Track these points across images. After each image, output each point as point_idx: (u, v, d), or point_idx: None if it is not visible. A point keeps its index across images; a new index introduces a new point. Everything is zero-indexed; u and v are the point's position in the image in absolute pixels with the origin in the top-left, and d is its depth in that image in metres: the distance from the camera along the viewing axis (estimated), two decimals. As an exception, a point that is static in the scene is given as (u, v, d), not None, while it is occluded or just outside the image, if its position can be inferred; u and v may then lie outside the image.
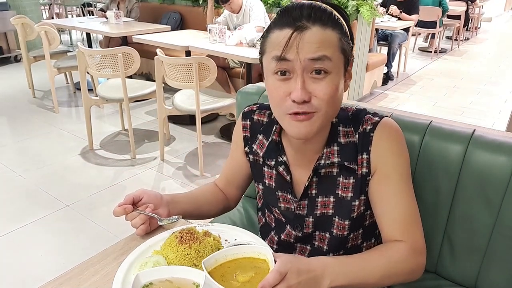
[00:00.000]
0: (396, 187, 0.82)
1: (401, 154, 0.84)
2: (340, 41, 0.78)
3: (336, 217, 0.87)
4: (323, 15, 0.77)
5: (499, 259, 0.95)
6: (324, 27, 0.76)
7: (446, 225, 1.00)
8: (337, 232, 0.88)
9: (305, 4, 0.78)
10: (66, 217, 2.29)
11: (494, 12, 11.43)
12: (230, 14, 3.64)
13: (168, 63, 2.58)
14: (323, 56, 0.75)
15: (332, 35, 0.77)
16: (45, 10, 8.30)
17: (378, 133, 0.83)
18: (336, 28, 0.78)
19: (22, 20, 3.99)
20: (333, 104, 0.78)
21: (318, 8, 0.77)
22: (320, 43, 0.75)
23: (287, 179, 0.90)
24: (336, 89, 0.77)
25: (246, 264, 0.76)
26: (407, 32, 5.17)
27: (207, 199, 1.05)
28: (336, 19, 0.78)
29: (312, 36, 0.75)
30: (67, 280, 0.77)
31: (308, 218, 0.90)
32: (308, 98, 0.75)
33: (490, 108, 4.25)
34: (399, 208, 0.81)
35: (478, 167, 0.93)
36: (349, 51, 0.80)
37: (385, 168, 0.82)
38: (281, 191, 0.93)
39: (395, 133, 0.85)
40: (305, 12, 0.76)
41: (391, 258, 0.77)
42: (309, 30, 0.75)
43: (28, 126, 3.56)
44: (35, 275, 1.87)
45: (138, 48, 3.14)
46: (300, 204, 0.90)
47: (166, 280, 0.72)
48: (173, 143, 3.24)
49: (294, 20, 0.76)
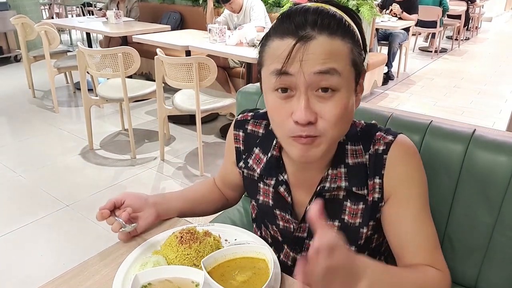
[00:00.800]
0: (415, 211, 0.75)
1: (419, 176, 0.77)
2: (352, 52, 0.67)
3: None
4: (331, 22, 0.66)
5: (499, 259, 0.95)
6: (333, 36, 0.65)
7: (446, 225, 1.00)
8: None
9: (310, 9, 0.67)
10: (66, 217, 2.29)
11: (495, 12, 11.43)
12: (230, 13, 3.64)
13: (168, 63, 2.57)
14: (331, 69, 0.64)
15: (341, 45, 0.66)
16: (45, 10, 8.30)
17: (392, 155, 0.75)
18: (347, 36, 0.67)
19: (22, 20, 3.99)
20: (341, 126, 0.69)
21: (326, 13, 0.66)
22: (328, 55, 0.65)
23: (288, 200, 0.83)
24: (345, 108, 0.67)
25: (245, 264, 0.76)
26: (408, 32, 5.17)
27: (205, 197, 1.01)
28: (347, 26, 0.68)
29: (318, 47, 0.64)
30: (67, 280, 0.77)
31: (308, 241, 0.84)
32: (314, 119, 0.66)
33: (491, 108, 4.25)
34: (422, 234, 0.74)
35: (478, 167, 0.93)
36: (361, 63, 0.70)
37: (402, 193, 0.75)
38: (279, 210, 0.86)
39: (412, 154, 0.77)
40: (310, 18, 0.65)
41: (426, 282, 0.70)
42: (315, 40, 0.64)
43: (28, 126, 3.56)
44: (35, 275, 1.87)
45: (138, 48, 3.14)
46: (300, 226, 0.83)
47: (165, 280, 0.72)
48: (173, 143, 3.24)
49: (297, 28, 0.65)
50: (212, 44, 3.11)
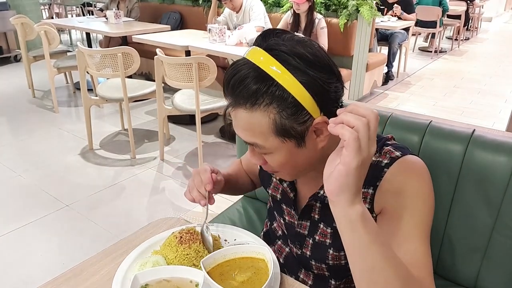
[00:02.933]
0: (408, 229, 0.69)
1: (421, 196, 0.71)
2: (275, 125, 0.64)
3: (331, 248, 0.83)
4: (249, 94, 0.63)
5: (499, 259, 0.95)
6: (251, 108, 0.64)
7: (446, 225, 1.00)
8: (333, 262, 0.84)
9: (235, 73, 0.64)
10: (66, 217, 2.29)
11: (494, 12, 11.43)
12: (230, 13, 3.63)
13: (168, 63, 2.57)
14: (254, 143, 0.68)
15: (262, 118, 0.64)
16: (45, 10, 8.29)
17: (393, 170, 0.73)
18: (272, 106, 0.63)
19: (22, 20, 3.99)
20: (289, 169, 0.73)
21: (248, 81, 0.63)
22: (248, 130, 0.66)
23: (290, 196, 0.87)
24: (285, 163, 0.70)
25: (245, 264, 0.76)
26: (407, 32, 5.17)
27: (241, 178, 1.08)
28: (271, 94, 0.62)
29: (239, 119, 0.67)
30: (67, 280, 0.77)
31: (308, 239, 0.86)
32: (262, 163, 0.73)
33: (490, 108, 4.25)
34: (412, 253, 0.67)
35: (478, 167, 0.93)
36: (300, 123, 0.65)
37: (395, 209, 0.71)
38: (285, 205, 0.91)
39: (418, 173, 0.73)
40: (229, 87, 0.65)
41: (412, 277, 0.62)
42: (237, 111, 0.66)
43: (28, 126, 3.55)
44: (35, 274, 1.87)
45: (138, 48, 3.14)
46: (301, 223, 0.87)
47: (163, 280, 0.72)
48: (173, 143, 3.24)
49: (225, 92, 0.67)
50: (212, 44, 3.11)
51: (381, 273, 0.59)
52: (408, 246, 0.68)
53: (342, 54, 3.74)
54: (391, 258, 0.60)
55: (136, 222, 2.20)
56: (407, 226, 0.69)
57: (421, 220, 0.70)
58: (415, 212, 0.70)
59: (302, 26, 3.41)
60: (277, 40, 0.66)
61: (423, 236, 0.69)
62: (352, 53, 3.74)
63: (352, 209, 0.57)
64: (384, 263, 0.59)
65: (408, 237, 0.68)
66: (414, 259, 0.67)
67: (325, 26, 3.36)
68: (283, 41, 0.66)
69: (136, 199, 2.46)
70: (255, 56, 0.65)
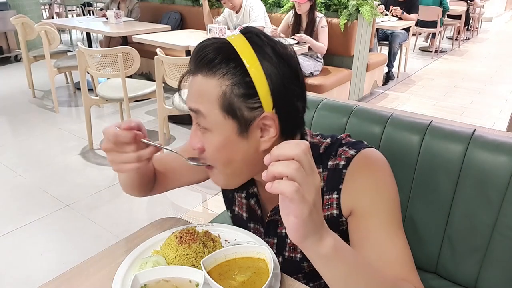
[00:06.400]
0: (381, 225, 0.68)
1: (385, 189, 0.71)
2: (224, 98, 0.64)
3: (304, 261, 0.81)
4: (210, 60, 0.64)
5: (499, 259, 0.95)
6: (208, 74, 0.65)
7: (446, 225, 1.00)
8: (309, 270, 0.82)
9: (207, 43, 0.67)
10: (66, 217, 2.29)
11: (495, 12, 11.43)
12: (230, 14, 3.63)
13: (168, 62, 2.57)
14: (196, 109, 0.66)
15: (214, 87, 0.64)
16: (45, 9, 8.29)
17: (351, 169, 0.72)
18: (226, 78, 0.64)
19: (22, 19, 3.99)
20: (223, 164, 0.69)
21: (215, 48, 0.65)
22: (198, 95, 0.66)
23: (258, 213, 0.84)
24: (219, 149, 0.67)
25: (245, 264, 0.76)
26: (408, 32, 5.17)
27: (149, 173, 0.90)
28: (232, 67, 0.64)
29: (194, 84, 0.67)
30: (67, 280, 0.77)
31: (278, 258, 0.83)
32: (200, 148, 0.69)
33: (491, 108, 4.25)
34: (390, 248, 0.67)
35: (478, 167, 0.93)
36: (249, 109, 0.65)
37: (364, 207, 0.70)
38: (253, 223, 0.87)
39: (376, 167, 0.72)
40: (196, 53, 0.67)
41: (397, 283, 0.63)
42: (195, 77, 0.67)
43: (28, 126, 3.55)
44: (35, 274, 1.87)
45: (138, 47, 3.14)
46: (268, 241, 0.84)
47: (162, 279, 0.72)
48: (173, 143, 3.24)
49: (190, 60, 0.68)
50: (212, 44, 3.11)
51: None
52: (384, 244, 0.67)
53: (342, 54, 3.74)
54: (375, 277, 0.60)
55: (136, 222, 2.20)
56: (379, 224, 0.68)
57: (391, 214, 0.70)
58: (382, 209, 0.69)
59: (304, 26, 3.41)
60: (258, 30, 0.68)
61: (396, 230, 0.69)
62: (353, 53, 3.74)
63: (323, 247, 0.55)
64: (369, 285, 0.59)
65: (382, 235, 0.68)
66: (393, 257, 0.66)
67: (325, 25, 3.36)
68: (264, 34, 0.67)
69: (136, 199, 2.46)
70: (231, 36, 0.68)
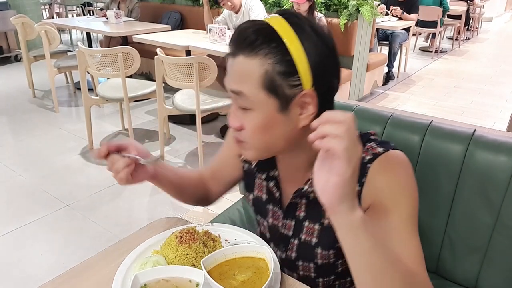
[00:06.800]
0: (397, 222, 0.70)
1: (406, 190, 0.72)
2: (266, 77, 0.66)
3: (318, 247, 0.81)
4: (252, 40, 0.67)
5: (500, 259, 0.95)
6: (249, 55, 0.67)
7: (447, 225, 1.00)
8: (322, 261, 0.82)
9: (247, 25, 0.69)
10: (66, 217, 2.29)
11: (495, 12, 11.43)
12: (230, 14, 3.63)
13: (168, 62, 2.57)
14: (239, 91, 0.68)
15: (256, 67, 0.66)
16: (45, 9, 8.29)
17: (376, 165, 0.73)
18: (268, 57, 0.66)
19: (22, 19, 3.99)
20: (263, 141, 0.72)
21: (256, 30, 0.67)
22: (240, 76, 0.68)
23: (275, 195, 0.86)
24: (261, 127, 0.70)
25: (245, 264, 0.76)
26: (408, 32, 5.17)
27: (191, 183, 1.00)
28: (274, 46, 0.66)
29: (236, 66, 0.69)
30: (67, 280, 0.77)
31: (293, 240, 0.84)
32: (238, 127, 0.72)
33: (491, 108, 4.25)
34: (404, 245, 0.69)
35: (478, 167, 0.93)
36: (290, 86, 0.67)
37: (385, 205, 0.72)
38: (272, 205, 0.89)
39: (400, 167, 0.74)
40: (237, 35, 0.69)
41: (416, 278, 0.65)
42: (236, 58, 0.69)
43: (28, 125, 3.55)
44: (35, 275, 1.87)
45: (138, 47, 3.14)
46: (285, 223, 0.85)
47: (162, 279, 0.72)
48: (173, 143, 3.24)
49: (230, 43, 0.71)
50: (212, 44, 3.11)
51: (387, 275, 0.60)
52: (400, 241, 0.69)
53: (342, 54, 3.74)
54: (393, 258, 0.61)
55: (137, 222, 2.20)
56: (397, 221, 0.70)
57: (410, 214, 0.71)
58: (403, 206, 0.71)
59: (303, 26, 3.40)
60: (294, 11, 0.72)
61: (413, 230, 0.71)
62: (353, 53, 3.74)
63: (354, 216, 0.57)
64: (389, 264, 0.60)
65: (399, 232, 0.69)
66: (406, 254, 0.68)
67: (325, 25, 3.36)
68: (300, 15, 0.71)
69: (137, 199, 2.46)
70: (269, 17, 0.70)
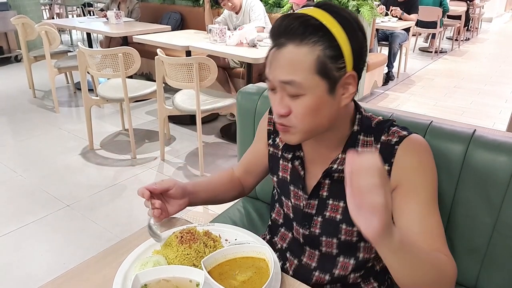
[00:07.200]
0: (423, 200, 0.78)
1: (429, 172, 0.80)
2: (318, 62, 0.71)
3: (343, 223, 0.85)
4: (302, 29, 0.71)
5: (500, 259, 0.95)
6: (300, 43, 0.71)
7: (447, 225, 1.00)
8: (345, 237, 0.87)
9: (291, 15, 0.73)
10: (67, 217, 2.29)
11: (495, 12, 11.43)
12: (230, 14, 3.64)
13: (168, 63, 2.58)
14: (291, 81, 0.72)
15: (308, 54, 0.71)
16: (46, 10, 8.30)
17: (403, 147, 0.80)
18: (319, 44, 0.71)
19: (22, 20, 3.99)
20: (310, 121, 0.76)
21: (303, 20, 0.71)
22: (291, 65, 0.72)
23: (301, 173, 0.90)
24: (312, 109, 0.74)
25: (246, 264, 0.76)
26: (408, 32, 5.17)
27: (225, 187, 1.08)
28: (322, 33, 0.71)
29: (285, 55, 0.72)
30: (67, 280, 0.77)
31: (316, 218, 0.89)
32: (286, 113, 0.76)
33: (491, 108, 4.25)
34: (428, 222, 0.77)
35: (478, 167, 0.93)
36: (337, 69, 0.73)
37: (412, 184, 0.79)
38: (293, 186, 0.93)
39: (424, 150, 0.81)
40: (284, 25, 0.72)
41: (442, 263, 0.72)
42: (284, 48, 0.72)
43: (28, 126, 3.56)
44: (35, 274, 1.87)
45: (139, 48, 3.14)
46: (309, 203, 0.89)
47: (162, 279, 0.72)
48: (173, 143, 3.24)
49: (274, 35, 0.74)
50: (213, 45, 3.11)
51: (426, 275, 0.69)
52: (426, 218, 0.77)
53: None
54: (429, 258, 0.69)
55: (137, 222, 2.20)
56: (424, 199, 0.78)
57: (434, 192, 0.80)
58: (429, 186, 0.79)
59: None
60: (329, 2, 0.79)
61: (435, 207, 0.80)
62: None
63: (394, 242, 0.61)
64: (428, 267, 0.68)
65: (426, 210, 0.78)
66: (430, 230, 0.77)
67: None
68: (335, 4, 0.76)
69: (137, 199, 2.46)
70: (306, 9, 0.75)
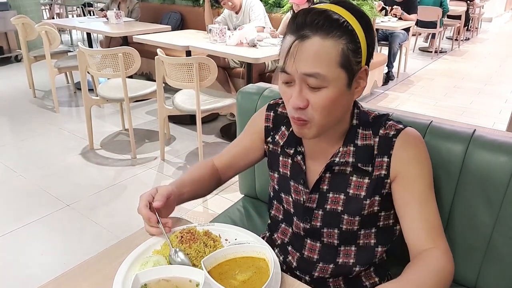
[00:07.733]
0: (421, 194, 0.82)
1: (426, 163, 0.84)
2: (343, 54, 0.74)
3: (345, 214, 0.88)
4: (326, 22, 0.73)
5: (499, 259, 0.95)
6: (326, 37, 0.73)
7: (447, 225, 1.00)
8: (347, 227, 0.88)
9: (313, 10, 0.75)
10: (67, 217, 2.29)
11: (495, 12, 11.43)
12: (230, 14, 3.64)
13: (168, 63, 2.58)
14: (316, 73, 0.73)
15: (333, 47, 0.73)
16: (46, 10, 8.30)
17: (401, 139, 0.84)
18: (342, 38, 0.73)
19: (22, 20, 3.99)
20: (328, 115, 0.78)
21: (324, 15, 0.74)
22: (316, 58, 0.73)
23: (303, 168, 0.91)
24: (331, 102, 0.76)
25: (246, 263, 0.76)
26: (408, 32, 5.17)
27: (207, 183, 1.05)
28: (344, 27, 0.74)
29: (310, 48, 0.73)
30: (67, 280, 0.77)
31: (317, 211, 0.90)
32: (304, 105, 0.77)
33: (491, 108, 4.25)
34: (426, 215, 0.81)
35: (478, 167, 0.93)
36: (357, 63, 0.76)
37: (409, 175, 0.83)
38: (294, 181, 0.94)
39: (420, 142, 0.85)
40: (309, 19, 0.74)
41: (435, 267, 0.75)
42: (309, 40, 0.73)
43: (28, 126, 3.56)
44: (35, 274, 1.87)
45: (139, 48, 3.14)
46: (310, 197, 0.90)
47: (162, 279, 0.72)
48: (173, 143, 3.24)
49: (298, 27, 0.74)
50: (213, 44, 3.11)
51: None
52: (424, 208, 0.81)
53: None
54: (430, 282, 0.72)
55: (137, 222, 2.19)
56: (422, 189, 0.82)
57: (430, 182, 0.83)
58: (425, 176, 0.83)
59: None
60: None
61: (432, 195, 0.83)
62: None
63: None
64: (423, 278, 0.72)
65: (423, 199, 0.81)
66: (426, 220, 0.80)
67: None
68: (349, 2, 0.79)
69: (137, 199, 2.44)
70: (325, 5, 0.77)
